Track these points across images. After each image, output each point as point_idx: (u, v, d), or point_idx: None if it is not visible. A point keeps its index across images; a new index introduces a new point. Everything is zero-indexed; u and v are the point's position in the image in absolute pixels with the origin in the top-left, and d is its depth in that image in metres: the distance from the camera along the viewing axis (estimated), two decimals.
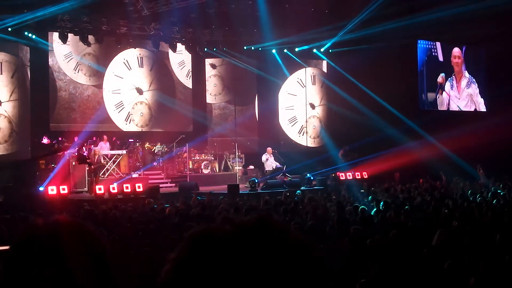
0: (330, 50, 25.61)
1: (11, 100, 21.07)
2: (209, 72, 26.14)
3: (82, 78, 23.04)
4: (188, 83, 25.48)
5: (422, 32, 24.33)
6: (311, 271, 1.07)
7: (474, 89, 28.24)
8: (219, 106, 26.44)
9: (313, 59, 26.65)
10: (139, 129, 24.01)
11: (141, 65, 24.45)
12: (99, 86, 23.31)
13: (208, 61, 25.85)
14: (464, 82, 27.89)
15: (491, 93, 27.71)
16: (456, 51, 27.64)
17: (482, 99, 28.51)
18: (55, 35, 21.81)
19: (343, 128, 23.65)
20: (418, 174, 20.60)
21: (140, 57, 24.42)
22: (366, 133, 22.39)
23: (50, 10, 19.93)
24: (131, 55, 24.17)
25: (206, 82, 25.91)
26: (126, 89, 23.92)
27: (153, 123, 24.48)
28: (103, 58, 23.30)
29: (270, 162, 22.18)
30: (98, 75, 23.24)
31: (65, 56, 22.61)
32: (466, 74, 27.90)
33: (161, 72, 24.86)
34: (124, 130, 23.48)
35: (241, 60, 25.36)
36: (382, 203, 12.55)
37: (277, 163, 22.22)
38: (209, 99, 26.11)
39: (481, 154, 21.59)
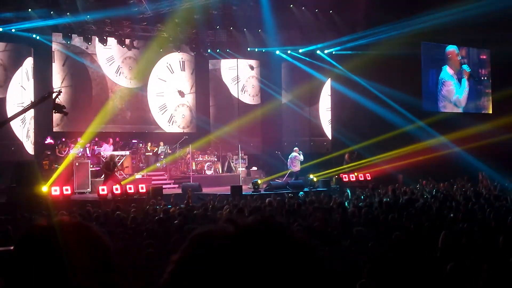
0: (334, 52, 25.53)
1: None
2: (248, 73, 26.57)
3: (123, 81, 23.84)
4: (229, 86, 26.30)
5: (426, 33, 24.26)
6: (315, 273, 1.06)
7: (474, 85, 28.04)
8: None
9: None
10: (181, 131, 24.92)
11: (183, 69, 25.43)
12: (141, 88, 24.15)
13: (247, 62, 26.35)
14: (465, 80, 27.77)
15: (496, 94, 27.63)
16: (456, 50, 27.46)
17: (485, 99, 28.46)
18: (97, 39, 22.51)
19: (349, 129, 23.55)
20: (422, 175, 20.55)
21: (182, 61, 25.40)
22: (370, 135, 22.34)
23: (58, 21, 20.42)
24: (174, 59, 25.10)
25: (245, 82, 26.37)
26: (169, 91, 24.84)
27: (194, 124, 25.38)
28: (144, 61, 23.98)
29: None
30: (138, 78, 24.03)
31: (107, 59, 23.38)
32: (467, 69, 27.74)
33: (201, 75, 25.82)
34: (167, 131, 24.51)
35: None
36: (384, 205, 12.52)
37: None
38: (248, 99, 26.53)
39: (485, 155, 21.59)
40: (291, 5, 22.90)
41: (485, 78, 28.54)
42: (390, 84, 23.13)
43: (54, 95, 11.55)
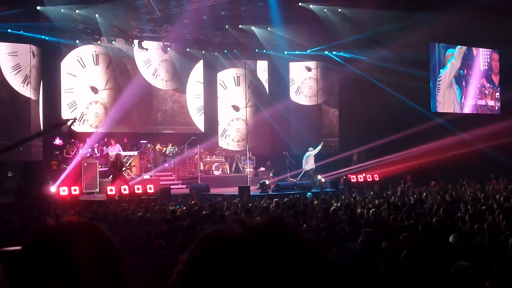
0: (342, 52, 25.45)
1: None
2: (305, 74, 26.68)
3: (159, 83, 24.36)
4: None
5: (434, 34, 24.19)
6: (324, 274, 1.06)
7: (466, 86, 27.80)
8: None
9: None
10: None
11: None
12: (177, 90, 24.71)
13: (303, 64, 26.52)
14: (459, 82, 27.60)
15: (504, 95, 27.51)
16: (454, 52, 27.26)
17: (492, 101, 28.34)
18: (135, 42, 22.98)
19: (357, 129, 23.48)
20: (430, 176, 20.46)
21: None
22: (378, 135, 22.27)
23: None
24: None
25: (301, 84, 26.44)
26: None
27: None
28: (179, 64, 24.50)
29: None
30: (174, 80, 24.60)
31: (145, 62, 23.89)
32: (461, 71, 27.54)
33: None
34: (204, 132, 25.04)
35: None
36: (392, 205, 12.48)
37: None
38: (304, 100, 26.68)
39: (496, 156, 21.50)
40: (299, 4, 22.79)
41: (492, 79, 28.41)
42: (399, 84, 23.08)
43: (69, 122, 11.69)
